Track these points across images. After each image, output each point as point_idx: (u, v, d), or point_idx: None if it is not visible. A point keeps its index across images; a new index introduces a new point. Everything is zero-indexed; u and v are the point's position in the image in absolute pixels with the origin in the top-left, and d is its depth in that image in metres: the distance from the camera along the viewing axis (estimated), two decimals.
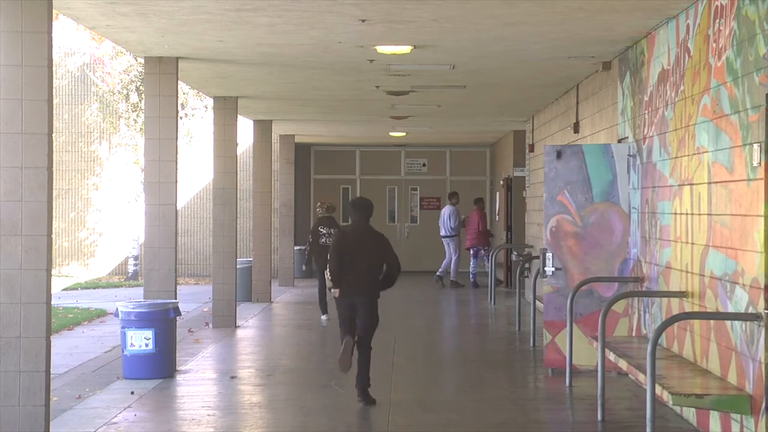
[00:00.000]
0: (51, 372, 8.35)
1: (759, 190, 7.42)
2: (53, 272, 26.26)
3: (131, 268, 27.41)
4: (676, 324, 9.43)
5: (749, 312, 7.60)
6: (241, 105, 18.33)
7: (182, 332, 15.36)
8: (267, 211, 21.86)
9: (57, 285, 24.86)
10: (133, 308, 11.68)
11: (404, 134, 25.77)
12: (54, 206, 18.52)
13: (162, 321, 11.68)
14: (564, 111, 16.63)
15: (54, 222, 18.89)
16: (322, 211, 18.12)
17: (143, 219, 12.99)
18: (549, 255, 11.85)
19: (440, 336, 16.01)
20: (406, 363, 13.06)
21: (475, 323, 17.92)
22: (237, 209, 17.18)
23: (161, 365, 11.69)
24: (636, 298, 11.30)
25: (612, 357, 9.50)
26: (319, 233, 17.55)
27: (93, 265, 28.53)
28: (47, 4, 8.12)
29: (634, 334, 11.47)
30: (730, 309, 8.06)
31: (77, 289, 24.93)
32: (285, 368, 12.68)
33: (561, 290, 11.81)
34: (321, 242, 17.33)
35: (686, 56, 9.45)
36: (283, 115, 21.03)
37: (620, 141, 12.24)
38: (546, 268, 11.89)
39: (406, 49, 12.06)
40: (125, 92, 26.24)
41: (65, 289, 24.75)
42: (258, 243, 21.73)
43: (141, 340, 11.60)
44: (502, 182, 26.12)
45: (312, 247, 17.53)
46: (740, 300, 7.84)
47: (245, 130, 25.17)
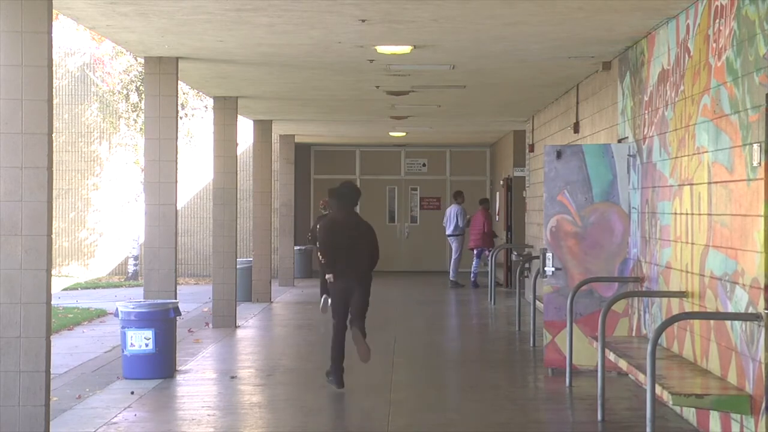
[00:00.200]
0: (51, 372, 8.35)
1: (759, 190, 7.42)
2: (53, 272, 26.26)
3: (131, 268, 27.41)
4: (676, 324, 9.43)
5: (749, 312, 7.61)
6: (241, 105, 18.33)
7: (182, 332, 15.36)
8: (267, 211, 21.86)
9: (57, 285, 24.87)
10: (133, 308, 11.69)
11: (404, 134, 25.77)
12: (54, 206, 18.52)
13: (162, 321, 11.68)
14: (564, 111, 16.63)
15: (54, 222, 18.88)
16: (325, 210, 18.26)
17: (143, 219, 12.99)
18: (549, 255, 11.85)
19: (440, 336, 16.01)
20: (406, 363, 13.06)
21: (475, 323, 17.92)
22: (237, 209, 17.18)
23: (161, 365, 11.69)
24: (636, 298, 11.30)
25: (612, 357, 9.50)
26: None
27: (93, 265, 28.53)
28: (47, 4, 8.12)
29: (634, 334, 11.47)
30: (730, 309, 8.06)
31: (77, 289, 24.93)
32: (285, 368, 12.68)
33: (561, 290, 11.81)
34: None
35: (686, 56, 9.45)
36: (283, 115, 21.03)
37: (620, 141, 12.24)
38: (546, 268, 11.89)
39: (406, 49, 12.06)
40: (125, 92, 26.24)
41: (65, 289, 24.75)
42: (258, 243, 21.73)
43: (141, 340, 11.60)
44: (502, 182, 26.13)
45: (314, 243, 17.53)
46: (740, 300, 7.84)
47: (245, 130, 25.17)
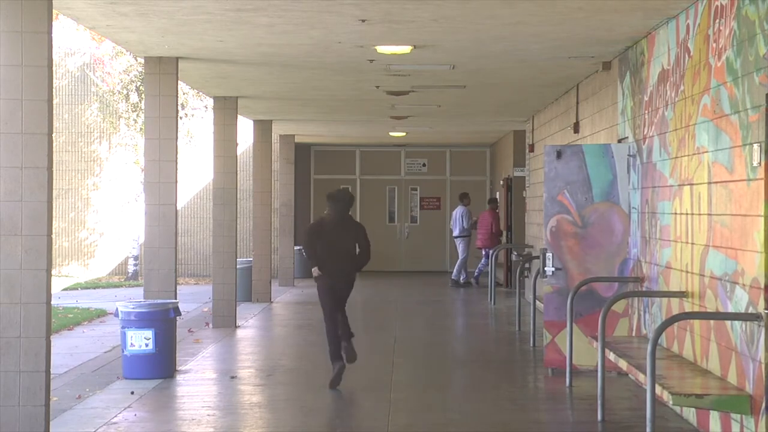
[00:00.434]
0: (51, 372, 8.35)
1: (759, 190, 7.42)
2: (53, 272, 26.26)
3: (131, 268, 27.41)
4: (676, 324, 9.43)
5: (749, 312, 7.61)
6: (241, 105, 18.33)
7: (182, 332, 15.36)
8: (267, 211, 21.86)
9: (57, 285, 24.87)
10: (133, 308, 11.68)
11: (404, 134, 25.77)
12: (54, 206, 18.52)
13: (162, 321, 11.68)
14: (564, 111, 16.63)
15: (54, 222, 18.89)
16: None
17: (143, 219, 12.99)
18: (549, 255, 11.85)
19: (440, 336, 16.01)
20: (406, 363, 13.06)
21: (475, 323, 17.92)
22: (237, 209, 17.18)
23: (161, 365, 11.69)
24: (636, 298, 11.30)
25: (612, 357, 9.50)
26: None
27: (93, 265, 28.53)
28: (47, 4, 8.12)
29: (634, 334, 11.47)
30: (730, 309, 8.06)
31: (77, 289, 24.93)
32: (285, 368, 12.68)
33: (561, 290, 11.81)
34: None
35: (686, 56, 9.45)
36: (283, 115, 21.03)
37: (620, 141, 12.24)
38: (546, 268, 11.89)
39: (406, 49, 12.06)
40: (125, 92, 26.24)
41: (65, 289, 24.75)
42: (258, 243, 21.73)
43: (141, 340, 11.60)
44: (502, 182, 26.13)
45: None
46: (740, 300, 7.84)
47: (245, 130, 25.18)
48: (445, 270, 30.13)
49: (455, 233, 25.32)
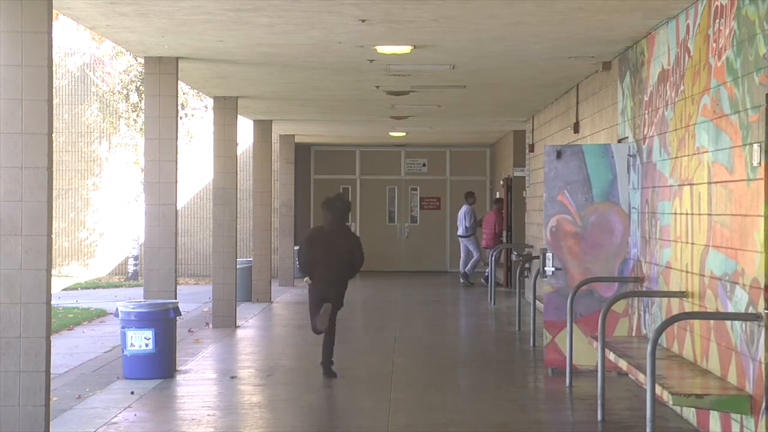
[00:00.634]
0: (51, 372, 8.35)
1: (759, 190, 7.42)
2: (53, 272, 26.26)
3: (131, 268, 27.41)
4: (676, 324, 9.43)
5: (749, 312, 7.61)
6: (241, 105, 18.33)
7: (182, 332, 15.36)
8: (267, 211, 21.86)
9: (57, 285, 24.86)
10: (133, 308, 11.68)
11: (404, 134, 25.77)
12: (54, 206, 18.52)
13: (162, 321, 11.68)
14: (564, 111, 16.63)
15: (54, 222, 18.88)
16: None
17: (143, 219, 12.99)
18: (549, 255, 11.85)
19: (440, 336, 16.00)
20: (406, 363, 13.06)
21: (475, 323, 17.92)
22: (237, 209, 17.18)
23: (161, 365, 11.68)
24: (636, 298, 11.30)
25: (612, 357, 9.50)
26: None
27: (93, 265, 28.53)
28: (47, 4, 8.12)
29: (634, 334, 11.47)
30: (730, 309, 8.06)
31: (77, 289, 24.92)
32: (285, 368, 12.68)
33: (561, 290, 11.81)
34: None
35: (686, 56, 9.45)
36: (283, 115, 21.03)
37: (620, 141, 12.24)
38: (546, 268, 11.89)
39: (406, 49, 12.06)
40: (125, 92, 26.24)
41: (65, 289, 24.75)
42: (258, 243, 21.73)
43: (141, 340, 11.60)
44: (502, 182, 26.13)
45: None
46: (740, 300, 7.84)
47: (245, 130, 25.17)
48: (445, 270, 30.14)
49: (459, 232, 25.52)
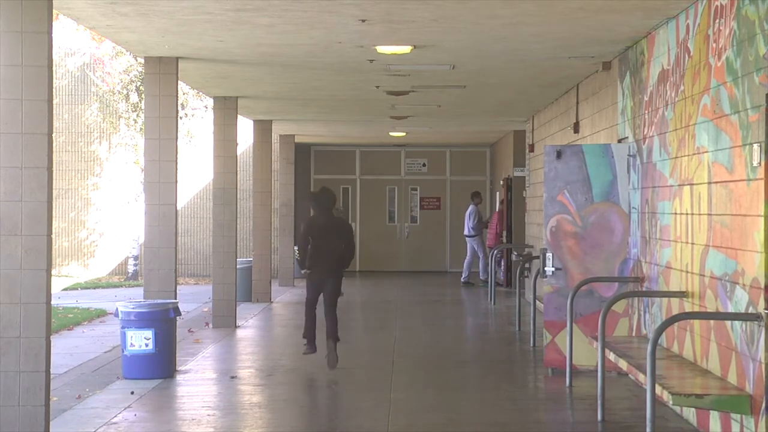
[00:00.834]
0: (51, 372, 8.35)
1: (759, 190, 7.42)
2: (53, 272, 26.26)
3: (131, 268, 27.41)
4: (676, 324, 9.43)
5: (749, 312, 7.61)
6: (241, 105, 18.33)
7: (182, 332, 15.36)
8: (267, 211, 21.87)
9: (57, 285, 24.86)
10: (133, 308, 11.68)
11: (404, 134, 25.77)
12: (54, 206, 18.52)
13: (162, 321, 11.68)
14: (564, 111, 16.63)
15: (54, 222, 18.88)
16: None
17: (143, 219, 12.99)
18: (549, 255, 11.85)
19: (440, 336, 16.00)
20: (406, 363, 13.05)
21: (475, 323, 17.92)
22: (237, 209, 17.18)
23: (161, 365, 11.68)
24: (636, 298, 11.30)
25: (612, 357, 9.50)
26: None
27: (93, 265, 28.53)
28: (47, 4, 8.12)
29: (634, 334, 11.47)
30: (730, 309, 8.06)
31: (77, 289, 24.92)
32: (285, 368, 12.67)
33: (561, 290, 11.81)
34: None
35: (686, 56, 9.45)
36: (283, 115, 21.03)
37: (620, 141, 12.24)
38: (546, 268, 11.89)
39: (406, 49, 12.06)
40: (125, 92, 26.24)
41: (65, 289, 24.75)
42: (258, 243, 21.73)
43: (141, 340, 11.60)
44: (502, 182, 26.13)
45: None
46: (740, 300, 7.84)
47: (245, 130, 25.17)
48: (445, 270, 30.15)
49: (465, 232, 25.61)
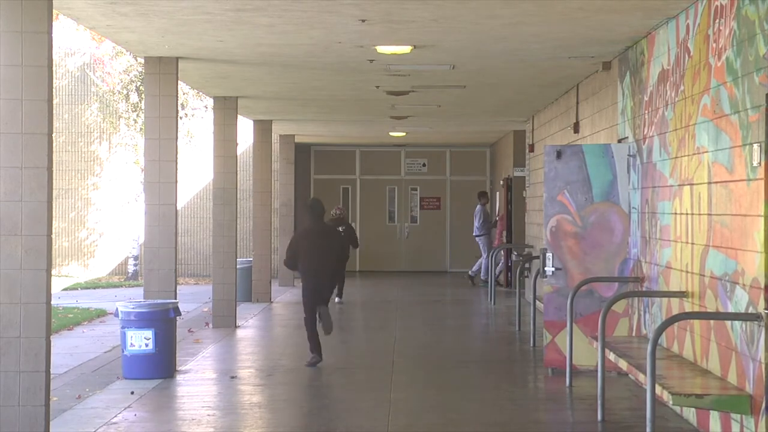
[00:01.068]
0: (51, 372, 8.35)
1: (759, 190, 7.43)
2: (53, 272, 26.26)
3: (131, 268, 27.41)
4: (676, 324, 9.43)
5: (749, 312, 7.61)
6: (241, 105, 18.33)
7: (182, 332, 15.36)
8: (267, 211, 21.87)
9: (57, 285, 24.86)
10: (133, 308, 11.68)
11: (404, 134, 25.77)
12: (54, 206, 18.52)
13: (162, 321, 11.68)
14: (564, 111, 16.63)
15: (54, 222, 18.88)
16: (338, 213, 21.20)
17: (143, 219, 12.99)
18: (549, 255, 11.85)
19: (440, 336, 16.01)
20: (406, 363, 13.06)
21: (475, 323, 17.92)
22: (237, 209, 17.18)
23: (161, 365, 11.68)
24: (636, 298, 11.30)
25: (612, 357, 9.50)
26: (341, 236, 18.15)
27: (93, 265, 28.53)
28: (47, 4, 8.12)
29: (634, 334, 11.47)
30: (730, 309, 8.06)
31: (77, 289, 24.92)
32: (285, 368, 12.68)
33: (561, 290, 11.81)
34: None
35: (686, 56, 9.45)
36: (283, 115, 21.03)
37: (620, 141, 12.24)
38: (546, 268, 11.89)
39: (406, 49, 12.06)
40: (125, 92, 26.24)
41: (65, 289, 24.75)
42: (258, 243, 21.74)
43: (141, 340, 11.60)
44: (502, 182, 26.14)
45: None
46: (740, 300, 7.84)
47: (245, 130, 25.17)
48: (445, 270, 30.15)
49: (473, 232, 25.67)
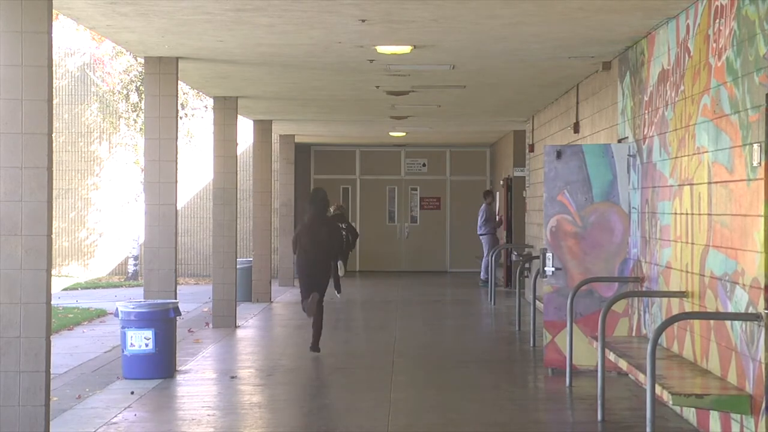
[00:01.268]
0: (51, 372, 8.35)
1: (759, 190, 7.43)
2: (53, 272, 26.26)
3: (131, 268, 27.41)
4: (676, 324, 9.43)
5: (749, 312, 7.61)
6: (241, 105, 18.32)
7: (182, 332, 15.36)
8: (267, 211, 21.87)
9: (57, 285, 24.86)
10: (133, 308, 11.68)
11: (404, 134, 25.77)
12: (54, 206, 18.52)
13: (162, 321, 11.68)
14: (564, 111, 16.63)
15: (54, 222, 18.88)
16: (337, 210, 21.62)
17: (143, 219, 12.99)
18: (549, 255, 11.85)
19: (440, 336, 16.01)
20: (406, 363, 13.06)
21: (475, 323, 17.92)
22: (237, 209, 17.18)
23: (161, 365, 11.68)
24: (636, 298, 11.30)
25: (612, 357, 9.50)
26: (339, 228, 18.23)
27: (93, 265, 28.53)
28: (47, 4, 8.12)
29: (634, 334, 11.47)
30: (730, 309, 8.07)
31: (77, 289, 24.92)
32: (285, 368, 12.68)
33: (561, 290, 11.81)
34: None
35: (686, 56, 9.45)
36: (283, 115, 21.03)
37: (620, 141, 12.24)
38: (546, 268, 11.89)
39: (406, 49, 12.06)
40: (125, 92, 26.24)
41: (65, 289, 24.75)
42: (258, 243, 21.73)
43: (141, 340, 11.60)
44: (502, 182, 26.14)
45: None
46: (740, 300, 7.84)
47: (245, 130, 25.17)
48: (445, 270, 30.15)
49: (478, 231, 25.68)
